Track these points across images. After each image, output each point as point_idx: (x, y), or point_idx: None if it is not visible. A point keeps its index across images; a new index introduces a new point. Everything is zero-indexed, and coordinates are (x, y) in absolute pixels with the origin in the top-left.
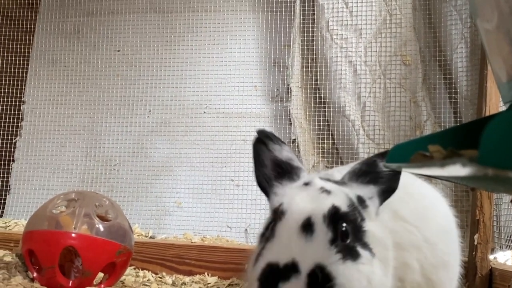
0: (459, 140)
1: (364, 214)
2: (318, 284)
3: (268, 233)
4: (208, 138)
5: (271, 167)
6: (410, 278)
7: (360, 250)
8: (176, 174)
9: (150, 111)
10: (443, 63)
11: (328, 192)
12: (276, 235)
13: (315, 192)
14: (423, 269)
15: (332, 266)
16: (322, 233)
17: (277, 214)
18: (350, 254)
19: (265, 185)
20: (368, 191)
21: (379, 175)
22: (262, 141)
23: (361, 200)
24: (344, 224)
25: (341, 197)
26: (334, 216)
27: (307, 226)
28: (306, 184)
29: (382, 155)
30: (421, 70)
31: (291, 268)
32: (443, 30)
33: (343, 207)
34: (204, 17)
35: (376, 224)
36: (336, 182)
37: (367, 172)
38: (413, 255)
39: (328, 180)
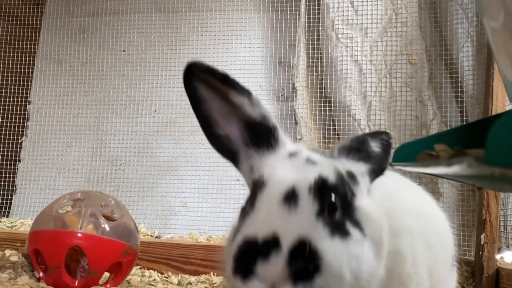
0: (465, 139)
1: (354, 190)
2: (301, 261)
3: (247, 208)
4: None
5: (239, 128)
6: (400, 270)
7: (350, 228)
8: (181, 174)
9: (155, 111)
10: (449, 62)
11: (314, 162)
12: (256, 208)
13: (300, 162)
14: (415, 260)
15: (318, 241)
16: (307, 205)
17: (257, 186)
18: (338, 230)
19: (229, 149)
20: (359, 167)
21: (369, 153)
22: (211, 83)
23: (351, 175)
24: (333, 197)
25: (330, 169)
26: (321, 188)
27: (291, 197)
28: (291, 155)
29: (372, 134)
30: (427, 69)
31: (272, 243)
32: (449, 28)
33: (331, 178)
34: (209, 16)
35: (369, 202)
36: (324, 155)
37: (357, 149)
38: (407, 242)
39: (316, 151)
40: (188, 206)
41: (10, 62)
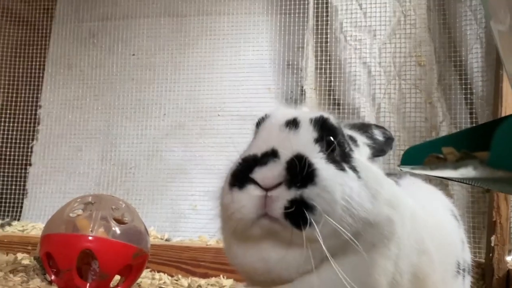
0: (474, 142)
1: (353, 147)
2: (297, 169)
3: (250, 143)
4: (223, 141)
5: None
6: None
7: (346, 167)
8: (191, 177)
9: (165, 114)
10: (458, 63)
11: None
12: (256, 136)
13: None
14: (406, 239)
15: (314, 159)
16: (307, 131)
17: (259, 123)
18: (334, 163)
19: None
20: (360, 138)
21: (371, 136)
22: None
23: (352, 137)
24: (331, 137)
25: (332, 118)
26: (322, 123)
27: (291, 123)
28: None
29: (376, 126)
30: (436, 70)
31: (270, 154)
32: (458, 30)
33: (333, 121)
34: (218, 20)
35: (369, 162)
36: None
37: (361, 128)
38: (399, 213)
39: None
40: (198, 209)
41: (21, 66)
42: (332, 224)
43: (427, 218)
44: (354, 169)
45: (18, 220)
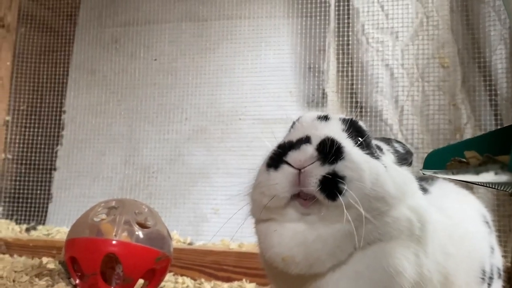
0: (497, 145)
1: (380, 154)
2: (327, 147)
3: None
4: (244, 144)
5: None
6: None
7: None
8: (213, 181)
9: (186, 118)
10: (482, 64)
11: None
12: (291, 130)
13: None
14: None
15: (343, 143)
16: (337, 123)
17: (294, 122)
18: (362, 150)
19: None
20: (385, 147)
21: (393, 147)
22: None
23: (378, 146)
24: (359, 138)
25: (362, 123)
26: (352, 123)
27: (322, 118)
28: None
29: (396, 140)
30: (460, 72)
31: (304, 140)
32: (481, 31)
33: (362, 124)
34: (239, 24)
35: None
36: None
37: (384, 141)
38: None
39: None
40: (220, 213)
41: (45, 72)
42: (363, 191)
43: (453, 229)
44: (381, 161)
45: (43, 224)
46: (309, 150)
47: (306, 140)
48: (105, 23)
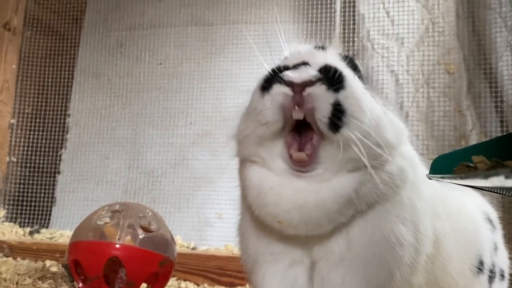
0: (504, 150)
1: (374, 95)
2: (328, 72)
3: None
4: None
5: None
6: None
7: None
8: (217, 185)
9: (191, 122)
10: (488, 71)
11: None
12: (286, 58)
13: None
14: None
15: (344, 71)
16: (335, 52)
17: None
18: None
19: None
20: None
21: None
22: None
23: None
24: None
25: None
26: (349, 60)
27: (319, 47)
28: None
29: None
30: (466, 78)
31: (301, 64)
32: (487, 37)
33: (359, 64)
34: (244, 29)
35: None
36: None
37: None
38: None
39: None
40: (224, 218)
41: (50, 76)
42: (362, 129)
43: (448, 199)
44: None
45: (47, 227)
46: (310, 70)
47: (304, 64)
48: (110, 27)
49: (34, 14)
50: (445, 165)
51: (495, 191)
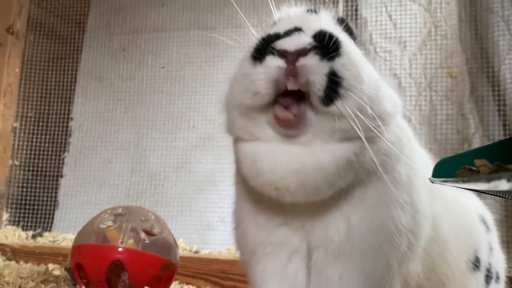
0: (507, 154)
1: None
2: (323, 39)
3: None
4: None
5: None
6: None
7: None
8: (220, 189)
9: (194, 126)
10: (490, 74)
11: None
12: (276, 24)
13: None
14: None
15: (339, 37)
16: (328, 14)
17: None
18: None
19: None
20: None
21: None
22: None
23: None
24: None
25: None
26: (344, 22)
27: (313, 10)
28: None
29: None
30: (468, 82)
31: (293, 30)
32: (490, 41)
33: (353, 27)
34: (247, 32)
35: None
36: None
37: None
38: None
39: None
40: (226, 221)
41: (53, 79)
42: (358, 101)
43: (445, 188)
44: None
45: (50, 231)
46: (303, 37)
47: (296, 30)
48: (113, 31)
49: (37, 18)
50: (448, 169)
51: (498, 194)
